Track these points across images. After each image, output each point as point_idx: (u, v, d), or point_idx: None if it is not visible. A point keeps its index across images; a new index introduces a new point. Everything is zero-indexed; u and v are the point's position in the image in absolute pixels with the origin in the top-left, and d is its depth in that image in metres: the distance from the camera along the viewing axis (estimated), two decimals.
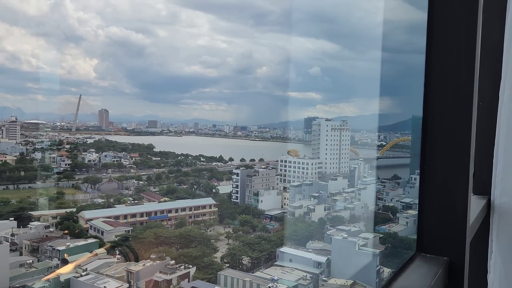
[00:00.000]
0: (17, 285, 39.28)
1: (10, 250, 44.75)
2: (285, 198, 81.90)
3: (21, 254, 48.34)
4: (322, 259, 43.85)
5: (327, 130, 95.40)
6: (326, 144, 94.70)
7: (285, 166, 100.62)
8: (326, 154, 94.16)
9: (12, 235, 49.35)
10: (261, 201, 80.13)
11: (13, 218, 56.30)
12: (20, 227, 53.66)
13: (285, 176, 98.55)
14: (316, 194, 73.10)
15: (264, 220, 72.01)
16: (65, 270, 43.75)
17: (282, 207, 79.67)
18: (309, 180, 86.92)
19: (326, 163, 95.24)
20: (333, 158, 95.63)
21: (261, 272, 43.48)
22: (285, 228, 62.89)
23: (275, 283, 37.44)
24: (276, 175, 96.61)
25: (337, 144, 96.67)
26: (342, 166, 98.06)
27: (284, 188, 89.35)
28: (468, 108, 2.11)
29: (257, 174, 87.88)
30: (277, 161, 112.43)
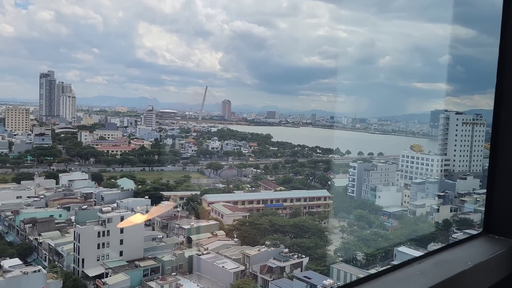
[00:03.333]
0: (149, 256, 44.17)
1: (145, 225, 50.38)
2: (405, 196, 77.38)
3: (153, 229, 54.14)
4: None
5: (457, 125, 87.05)
6: (456, 140, 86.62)
7: (407, 161, 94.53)
8: (455, 150, 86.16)
9: (147, 211, 55.54)
10: (379, 196, 77.02)
11: (147, 197, 63.23)
12: (153, 205, 60.06)
13: (407, 172, 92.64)
14: (442, 194, 67.55)
15: (381, 217, 69.18)
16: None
17: (402, 204, 75.54)
18: (434, 178, 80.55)
19: (454, 160, 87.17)
20: (463, 155, 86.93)
21: (376, 270, 41.85)
22: (404, 227, 59.56)
23: None
24: (397, 170, 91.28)
25: (468, 140, 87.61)
26: (474, 164, 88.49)
27: (405, 184, 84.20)
28: None
29: (375, 169, 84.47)
30: (398, 156, 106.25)
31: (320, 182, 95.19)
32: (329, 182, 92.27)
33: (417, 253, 44.29)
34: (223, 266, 41.30)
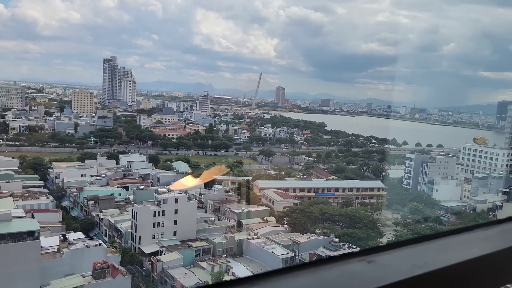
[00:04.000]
0: (201, 237, 45.59)
1: (198, 207, 51.95)
2: (465, 190, 73.63)
3: (205, 212, 55.70)
4: None
5: None
6: None
7: (469, 155, 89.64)
8: None
9: (200, 194, 57.17)
10: (436, 190, 73.89)
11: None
12: (206, 188, 61.66)
13: (468, 166, 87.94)
14: (506, 190, 63.52)
15: (438, 211, 66.43)
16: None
17: (461, 199, 72.02)
18: (498, 173, 75.95)
19: None
20: None
21: None
22: (463, 223, 56.80)
23: None
24: (457, 164, 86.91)
25: None
26: None
27: (465, 179, 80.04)
28: None
29: (434, 161, 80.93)
30: (459, 148, 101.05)
31: (374, 172, 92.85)
32: (383, 173, 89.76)
33: None
34: (272, 252, 41.74)
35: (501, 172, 75.33)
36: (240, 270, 39.83)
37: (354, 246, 43.98)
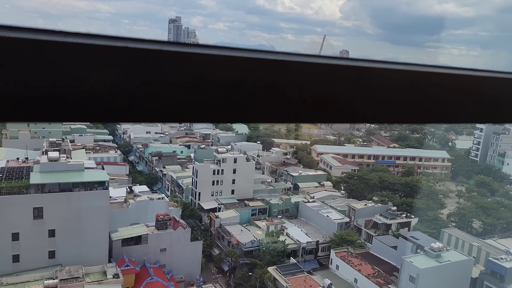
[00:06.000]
0: (258, 198, 46.70)
1: (255, 168, 52.92)
2: None
3: (263, 173, 56.69)
4: None
5: None
6: None
7: None
8: None
9: (258, 156, 58.04)
10: (507, 164, 69.24)
11: (259, 142, 65.78)
12: (264, 151, 62.42)
13: None
14: None
15: (507, 186, 62.51)
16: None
17: None
18: None
19: None
20: None
21: (494, 240, 38.68)
22: None
23: (510, 256, 32.76)
24: None
25: None
26: None
27: None
28: None
29: (507, 133, 75.35)
30: None
31: (439, 142, 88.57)
32: (449, 143, 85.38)
33: None
34: (327, 216, 41.89)
35: None
36: (295, 231, 40.54)
37: (413, 216, 42.93)
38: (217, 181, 46.60)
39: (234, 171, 47.12)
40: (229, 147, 55.86)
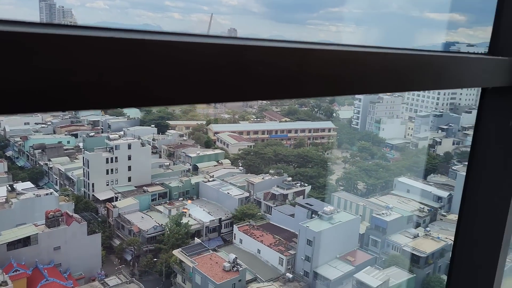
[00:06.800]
0: (157, 182, 45.75)
1: (152, 152, 51.55)
2: (409, 128, 77.72)
3: (160, 157, 55.46)
4: (444, 193, 41.79)
5: None
6: None
7: (413, 94, 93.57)
8: None
9: (153, 139, 56.50)
10: (383, 129, 77.41)
11: (154, 126, 63.95)
12: (159, 134, 60.94)
13: (412, 105, 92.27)
14: (445, 127, 67.77)
15: (384, 149, 70.08)
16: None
17: (405, 137, 76.12)
18: (439, 111, 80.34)
19: (461, 94, 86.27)
20: (471, 89, 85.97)
21: (375, 198, 43.38)
22: (406, 159, 60.57)
23: (389, 211, 37.15)
24: (402, 103, 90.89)
25: None
26: None
27: (409, 117, 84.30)
28: None
29: (381, 101, 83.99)
30: None
31: (325, 113, 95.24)
32: (334, 114, 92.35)
33: (416, 183, 45.52)
34: (228, 193, 42.83)
35: (442, 111, 79.78)
36: (197, 211, 40.77)
37: (306, 184, 45.96)
38: (112, 170, 44.46)
39: (130, 158, 45.35)
40: (122, 133, 53.39)
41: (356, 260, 33.39)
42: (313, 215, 36.20)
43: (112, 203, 40.87)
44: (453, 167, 46.85)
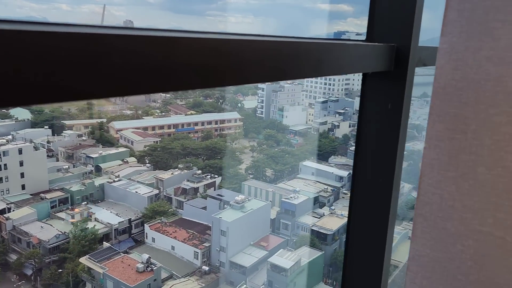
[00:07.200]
0: (56, 188, 42.36)
1: (47, 156, 47.51)
2: (310, 114, 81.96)
3: (57, 160, 51.35)
4: (344, 173, 44.88)
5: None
6: None
7: (311, 81, 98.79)
8: None
9: (48, 142, 52.05)
10: (286, 116, 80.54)
11: (47, 127, 58.93)
12: (54, 135, 56.35)
13: (311, 92, 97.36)
14: (342, 111, 72.66)
15: (288, 135, 73.05)
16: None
17: (306, 122, 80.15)
18: (335, 97, 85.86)
19: (353, 79, 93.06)
20: (360, 75, 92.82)
21: (284, 183, 45.15)
22: (308, 143, 63.85)
23: (297, 194, 38.97)
24: (302, 90, 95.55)
25: None
26: None
27: (310, 104, 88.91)
28: None
29: (282, 90, 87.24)
30: None
31: (230, 104, 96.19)
32: (239, 104, 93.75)
33: (319, 166, 48.34)
34: (136, 192, 41.39)
35: (337, 96, 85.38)
36: (104, 214, 38.74)
37: (216, 176, 46.17)
38: (1, 178, 40.23)
39: (22, 164, 41.41)
40: (10, 137, 48.40)
41: (269, 244, 34.59)
42: (225, 205, 36.58)
43: (5, 215, 37.03)
44: (350, 148, 50.53)
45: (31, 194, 41.96)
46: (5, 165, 41.21)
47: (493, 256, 1.05)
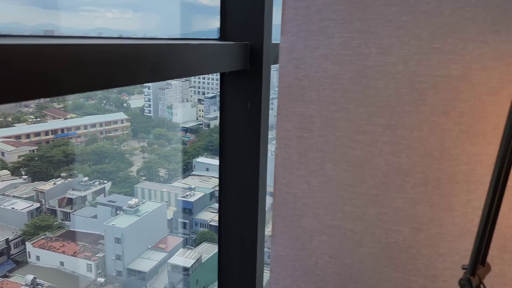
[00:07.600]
0: None
1: None
2: (200, 110, 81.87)
3: None
4: None
5: None
6: None
7: (199, 77, 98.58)
8: None
9: None
10: (176, 114, 79.26)
11: None
12: None
13: (199, 88, 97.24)
14: None
15: (179, 133, 72.04)
16: None
17: (197, 119, 79.92)
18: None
19: None
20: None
21: (178, 182, 44.28)
22: (201, 140, 63.72)
23: (193, 191, 38.77)
24: (190, 87, 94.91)
25: None
26: None
27: (199, 100, 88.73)
28: None
29: (170, 87, 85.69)
30: None
31: (115, 105, 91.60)
32: (124, 104, 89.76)
33: (213, 161, 48.69)
34: (13, 208, 37.13)
35: None
36: None
37: (106, 181, 43.71)
38: None
39: None
40: None
41: (168, 245, 33.87)
42: (117, 211, 34.79)
43: None
44: None
45: None
46: None
47: (346, 248, 1.09)
